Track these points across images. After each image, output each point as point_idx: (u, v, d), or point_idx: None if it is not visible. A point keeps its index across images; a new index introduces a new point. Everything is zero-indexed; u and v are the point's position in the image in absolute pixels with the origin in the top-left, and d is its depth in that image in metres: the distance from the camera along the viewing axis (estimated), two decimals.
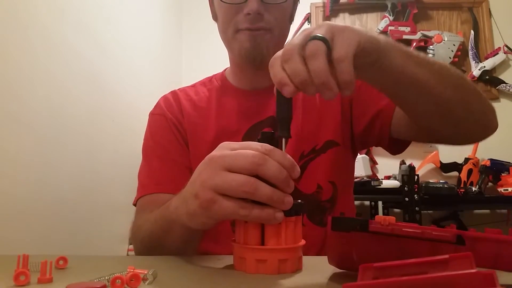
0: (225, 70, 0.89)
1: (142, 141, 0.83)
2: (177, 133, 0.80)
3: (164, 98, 0.85)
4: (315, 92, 0.42)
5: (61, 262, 0.47)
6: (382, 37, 0.49)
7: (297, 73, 0.40)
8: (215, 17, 0.81)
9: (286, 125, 0.44)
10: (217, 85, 0.85)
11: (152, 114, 0.85)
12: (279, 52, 0.43)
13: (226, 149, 0.45)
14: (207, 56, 2.21)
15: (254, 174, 0.41)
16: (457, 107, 0.59)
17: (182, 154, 0.78)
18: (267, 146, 0.43)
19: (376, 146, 0.81)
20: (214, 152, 0.45)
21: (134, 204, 0.77)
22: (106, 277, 0.38)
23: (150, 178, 0.77)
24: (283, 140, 0.45)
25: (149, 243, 0.61)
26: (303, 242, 0.46)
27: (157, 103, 0.85)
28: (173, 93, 0.86)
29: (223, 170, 0.42)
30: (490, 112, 0.65)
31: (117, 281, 0.36)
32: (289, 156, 0.44)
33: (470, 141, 0.71)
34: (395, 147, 0.77)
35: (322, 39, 0.40)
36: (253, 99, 0.80)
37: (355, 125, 0.79)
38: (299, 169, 0.44)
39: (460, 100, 0.59)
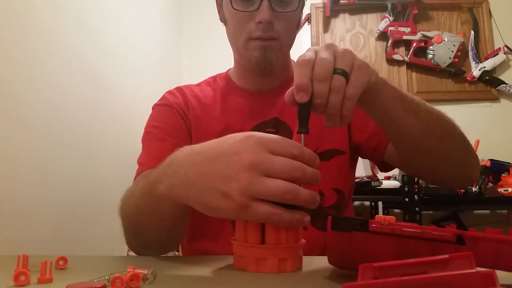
0: (228, 70, 0.89)
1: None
2: (182, 122, 0.79)
3: (170, 92, 0.85)
4: (319, 115, 0.48)
5: (61, 262, 0.47)
6: (380, 78, 0.52)
7: (322, 97, 0.45)
8: (223, 20, 0.81)
9: (304, 122, 0.47)
10: (222, 85, 0.85)
11: (156, 105, 0.84)
12: (311, 55, 0.46)
13: (264, 150, 0.43)
14: (207, 56, 2.22)
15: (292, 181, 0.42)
16: (437, 157, 0.62)
17: (184, 140, 0.77)
18: (299, 146, 0.44)
19: (368, 159, 0.83)
20: (252, 153, 0.43)
21: None
22: (106, 277, 0.38)
23: (149, 158, 0.75)
24: (302, 136, 0.48)
25: (135, 219, 0.57)
26: (303, 241, 0.47)
27: (162, 96, 0.85)
28: (178, 88, 0.86)
29: (263, 176, 0.42)
30: (472, 166, 0.67)
31: (117, 281, 0.36)
32: (311, 151, 0.45)
33: (447, 187, 0.74)
34: (385, 167, 0.79)
35: (345, 75, 0.46)
36: (258, 100, 0.80)
37: (354, 136, 0.80)
38: (318, 160, 0.46)
39: (441, 151, 0.61)
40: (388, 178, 1.92)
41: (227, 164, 0.43)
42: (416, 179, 1.64)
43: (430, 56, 2.13)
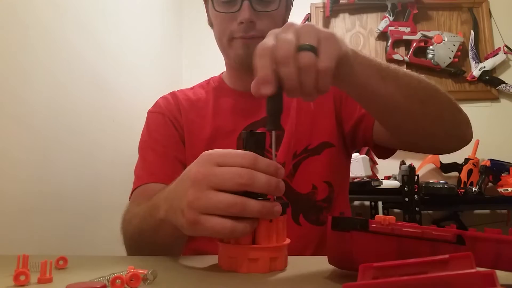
0: (222, 73, 0.91)
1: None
2: (174, 130, 0.81)
3: (163, 97, 0.88)
4: (296, 97, 0.44)
5: (61, 262, 0.47)
6: (350, 48, 0.49)
7: (292, 79, 0.42)
8: (211, 24, 0.84)
9: (275, 119, 0.44)
10: (214, 87, 0.88)
11: (150, 112, 0.86)
12: (270, 42, 0.44)
13: (210, 164, 0.43)
14: (207, 56, 2.21)
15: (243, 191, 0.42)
16: (425, 121, 0.59)
17: (178, 150, 0.80)
18: (250, 156, 0.42)
19: (364, 146, 0.83)
20: (198, 168, 0.43)
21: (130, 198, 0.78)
22: (106, 277, 0.38)
23: (144, 170, 0.78)
24: (273, 133, 0.45)
25: (139, 239, 0.61)
26: (288, 240, 0.47)
27: (155, 102, 0.88)
28: (172, 93, 0.88)
29: (210, 190, 0.41)
30: (463, 124, 0.65)
31: (117, 281, 0.36)
32: (271, 161, 0.43)
33: (443, 152, 0.71)
34: (381, 152, 0.78)
35: (313, 50, 0.42)
36: (249, 100, 0.81)
37: (344, 126, 0.81)
38: (283, 170, 0.44)
39: (428, 114, 0.59)
40: (388, 178, 1.93)
41: (183, 184, 0.45)
42: (416, 179, 1.65)
43: (430, 56, 2.13)
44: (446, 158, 1.99)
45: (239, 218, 0.42)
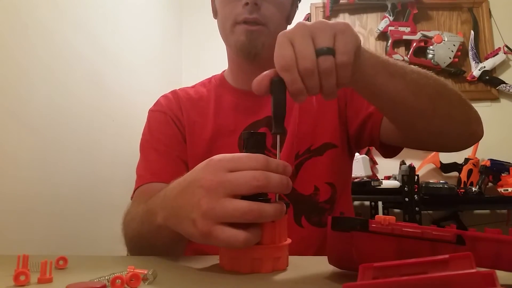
0: (223, 71, 0.90)
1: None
2: (176, 129, 0.81)
3: (164, 96, 0.87)
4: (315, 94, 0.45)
5: (61, 262, 0.47)
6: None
7: (316, 87, 0.44)
8: (215, 14, 0.84)
9: (281, 122, 0.44)
10: (216, 85, 0.87)
11: (151, 111, 0.86)
12: (288, 52, 0.43)
13: (221, 171, 0.42)
14: (207, 56, 2.21)
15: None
16: (435, 119, 0.59)
17: (179, 149, 0.79)
18: (261, 158, 0.42)
19: (370, 146, 0.82)
20: (209, 177, 0.42)
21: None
22: (106, 277, 0.38)
23: (146, 170, 0.77)
24: (278, 136, 0.45)
25: (139, 243, 0.60)
26: (289, 240, 0.47)
27: (157, 101, 0.87)
28: (173, 92, 0.87)
29: (224, 197, 0.41)
30: (474, 121, 0.64)
31: (117, 281, 0.36)
32: (279, 160, 0.44)
33: (454, 150, 0.69)
34: (387, 151, 0.78)
35: (331, 52, 0.43)
36: (250, 99, 0.80)
37: (349, 126, 0.80)
38: (290, 167, 0.44)
39: (438, 112, 0.58)
40: (388, 178, 1.93)
41: (193, 193, 0.44)
42: (416, 178, 1.65)
43: (430, 56, 2.13)
44: (446, 158, 1.99)
45: (249, 225, 0.41)
